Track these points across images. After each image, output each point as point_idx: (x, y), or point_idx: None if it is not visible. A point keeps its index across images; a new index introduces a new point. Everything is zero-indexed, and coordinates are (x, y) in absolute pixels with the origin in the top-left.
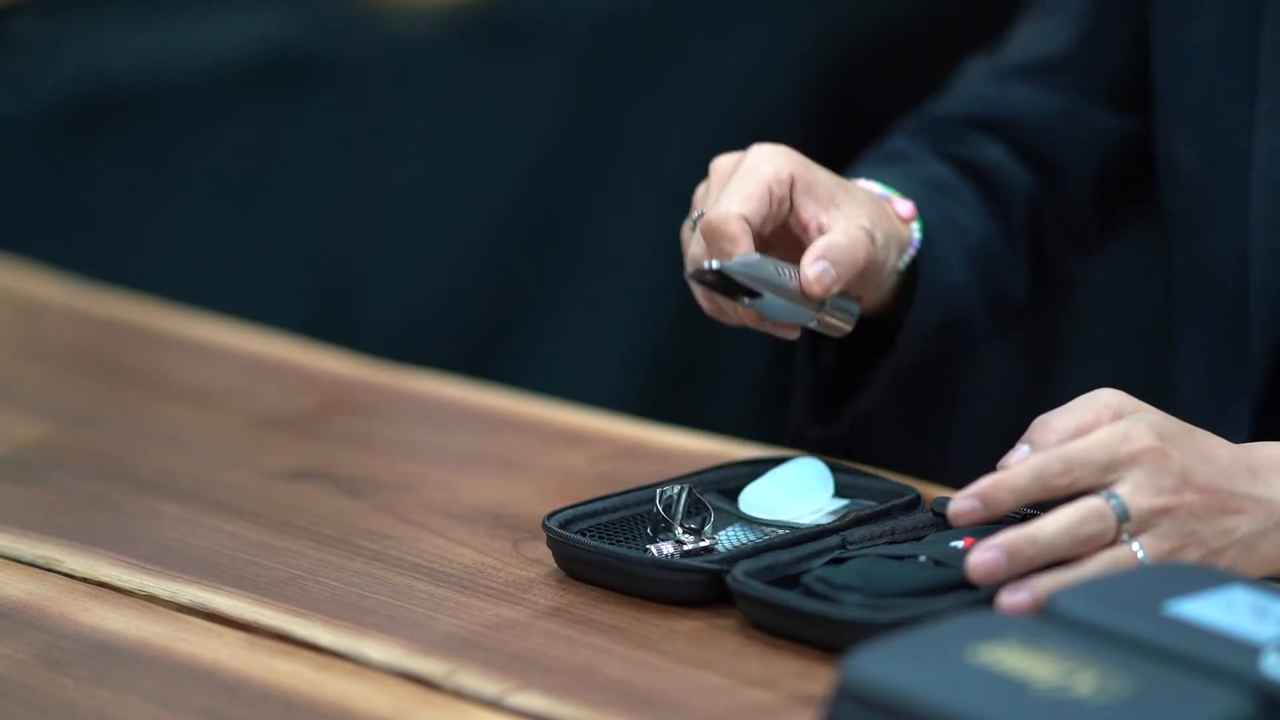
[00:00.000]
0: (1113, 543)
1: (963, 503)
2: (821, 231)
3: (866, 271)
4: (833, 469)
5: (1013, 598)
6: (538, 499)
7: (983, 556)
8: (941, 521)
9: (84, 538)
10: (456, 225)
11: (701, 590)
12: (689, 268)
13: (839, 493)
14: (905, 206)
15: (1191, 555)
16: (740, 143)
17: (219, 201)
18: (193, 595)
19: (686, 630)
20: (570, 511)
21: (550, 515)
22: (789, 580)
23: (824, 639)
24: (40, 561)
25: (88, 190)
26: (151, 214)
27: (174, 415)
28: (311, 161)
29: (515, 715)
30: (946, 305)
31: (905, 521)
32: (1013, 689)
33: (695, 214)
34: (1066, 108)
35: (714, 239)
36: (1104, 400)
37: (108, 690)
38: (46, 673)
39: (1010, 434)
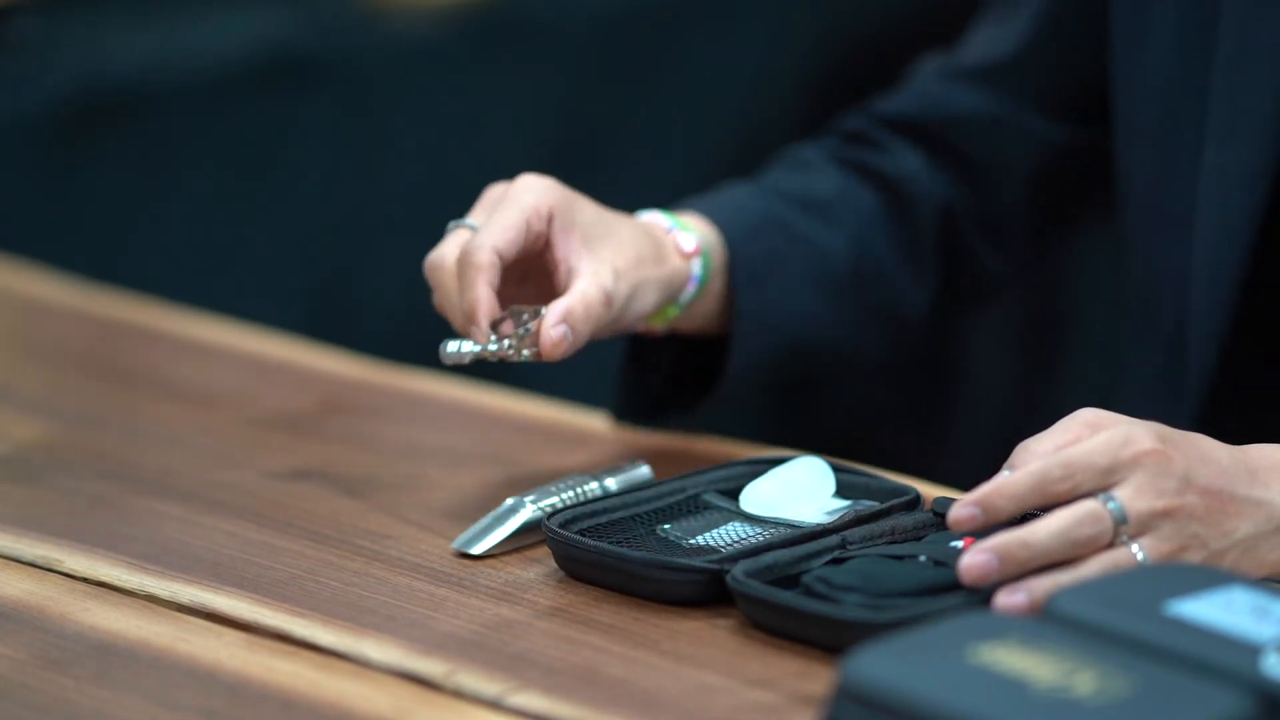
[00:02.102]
0: (1111, 545)
1: (962, 510)
2: (569, 274)
3: (610, 323)
4: (833, 469)
5: (1010, 599)
6: None
7: (974, 559)
8: (941, 521)
9: (84, 538)
10: None
11: (701, 590)
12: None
13: (839, 493)
14: (688, 241)
15: (1192, 557)
16: (741, 143)
17: (219, 201)
18: (193, 595)
19: (686, 630)
20: (570, 512)
21: (550, 515)
22: (789, 580)
23: (824, 639)
24: (40, 561)
25: (88, 190)
26: (151, 214)
27: (174, 415)
28: (311, 161)
29: (515, 715)
30: (780, 334)
31: (905, 521)
32: (1013, 689)
33: (452, 225)
34: (1002, 112)
35: (463, 267)
36: (1083, 419)
37: (108, 690)
38: (46, 673)
39: (1006, 432)
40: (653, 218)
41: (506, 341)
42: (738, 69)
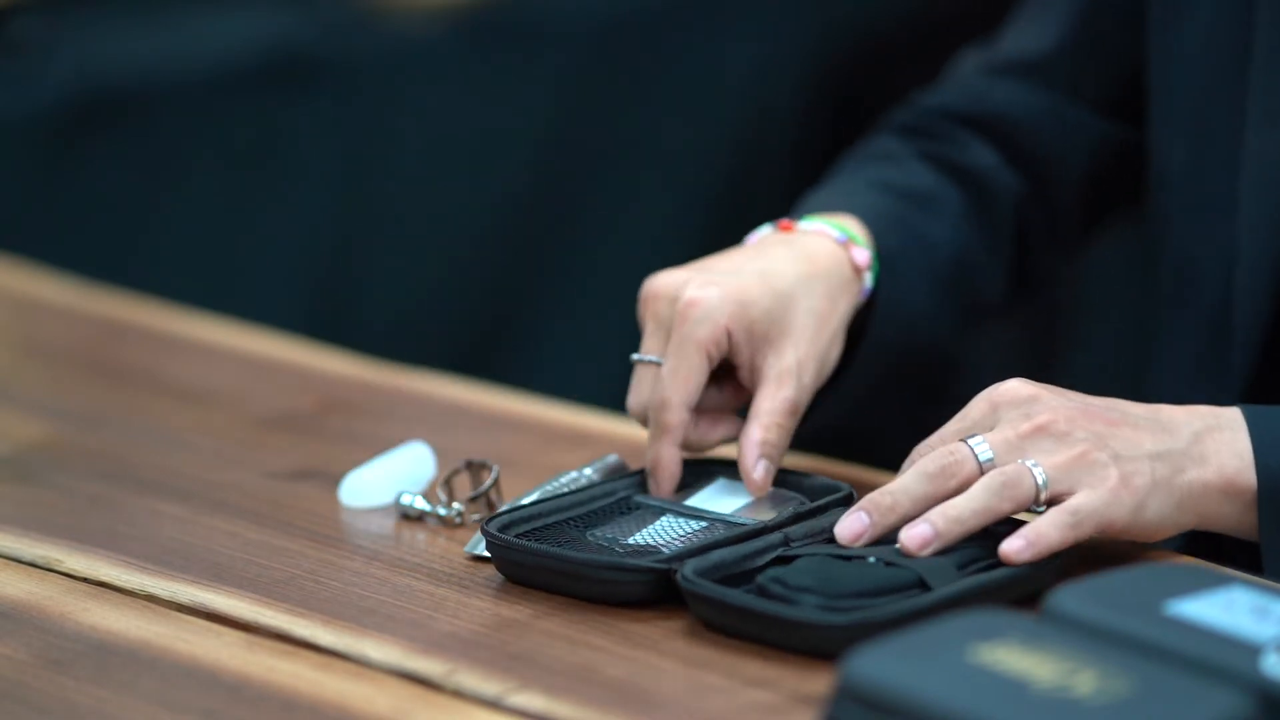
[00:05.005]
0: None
1: (849, 519)
2: (753, 374)
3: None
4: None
5: (911, 531)
6: None
7: (844, 521)
8: None
9: (84, 538)
10: (456, 225)
11: (649, 590)
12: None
13: (775, 493)
14: (862, 255)
15: (1099, 458)
16: (740, 143)
17: (219, 201)
18: (193, 595)
19: (686, 630)
20: (505, 517)
21: (488, 520)
22: (737, 578)
23: (779, 639)
24: (40, 561)
25: (88, 190)
26: (151, 214)
27: (174, 415)
28: (311, 161)
29: (515, 715)
30: (904, 333)
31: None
32: (1013, 689)
33: (634, 358)
34: (1052, 107)
35: (654, 426)
36: (986, 394)
37: (108, 690)
38: (46, 672)
39: None
40: (819, 229)
41: (456, 506)
42: (737, 70)
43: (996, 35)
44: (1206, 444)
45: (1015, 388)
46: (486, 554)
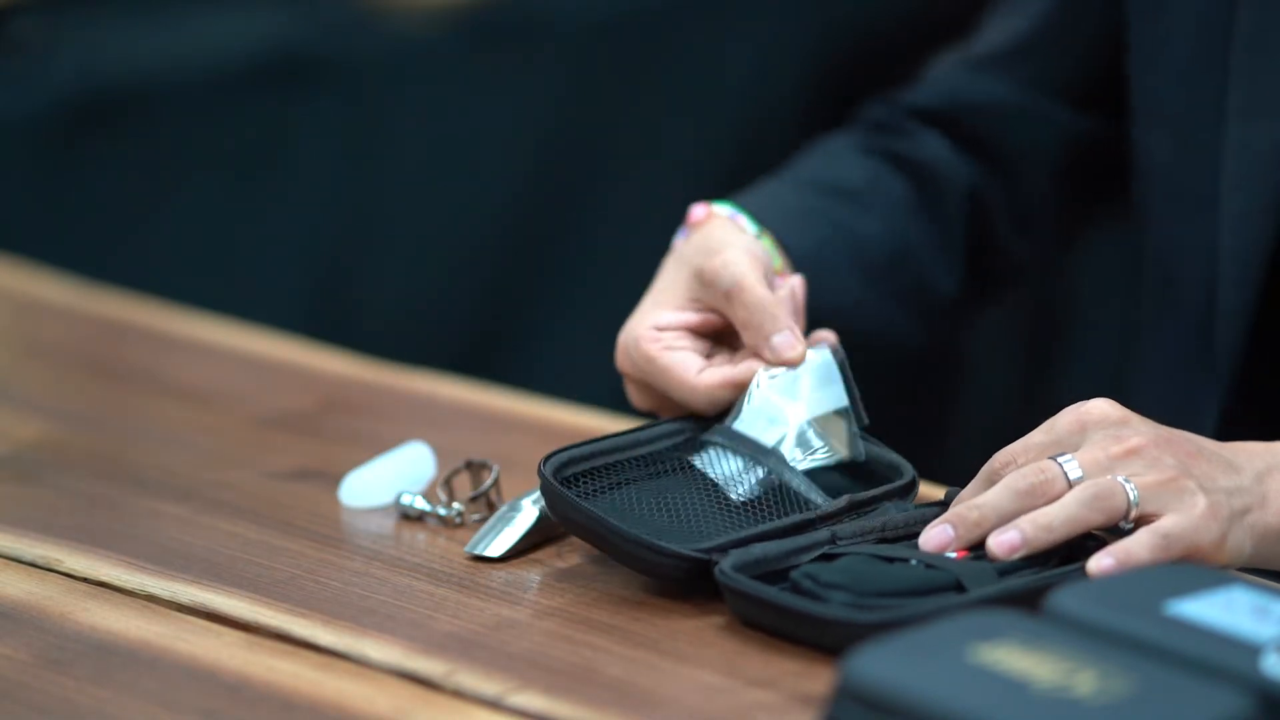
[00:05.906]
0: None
1: (934, 531)
2: (733, 324)
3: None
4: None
5: (1000, 537)
6: None
7: (930, 532)
8: (943, 510)
9: (84, 538)
10: (456, 225)
11: (685, 574)
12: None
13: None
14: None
15: (1187, 485)
16: (740, 142)
17: (219, 201)
18: (193, 595)
19: (686, 630)
20: (565, 454)
21: (546, 457)
22: (778, 575)
23: (808, 636)
24: (40, 561)
25: (88, 190)
26: (151, 214)
27: (174, 415)
28: (311, 161)
29: (515, 715)
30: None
31: (897, 518)
32: (1013, 689)
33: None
34: (1021, 100)
35: (637, 360)
36: (1074, 410)
37: (108, 690)
38: (47, 673)
39: (1006, 432)
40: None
41: (456, 506)
42: (736, 69)
43: (973, 33)
44: (1268, 485)
45: (1105, 409)
46: (487, 554)
